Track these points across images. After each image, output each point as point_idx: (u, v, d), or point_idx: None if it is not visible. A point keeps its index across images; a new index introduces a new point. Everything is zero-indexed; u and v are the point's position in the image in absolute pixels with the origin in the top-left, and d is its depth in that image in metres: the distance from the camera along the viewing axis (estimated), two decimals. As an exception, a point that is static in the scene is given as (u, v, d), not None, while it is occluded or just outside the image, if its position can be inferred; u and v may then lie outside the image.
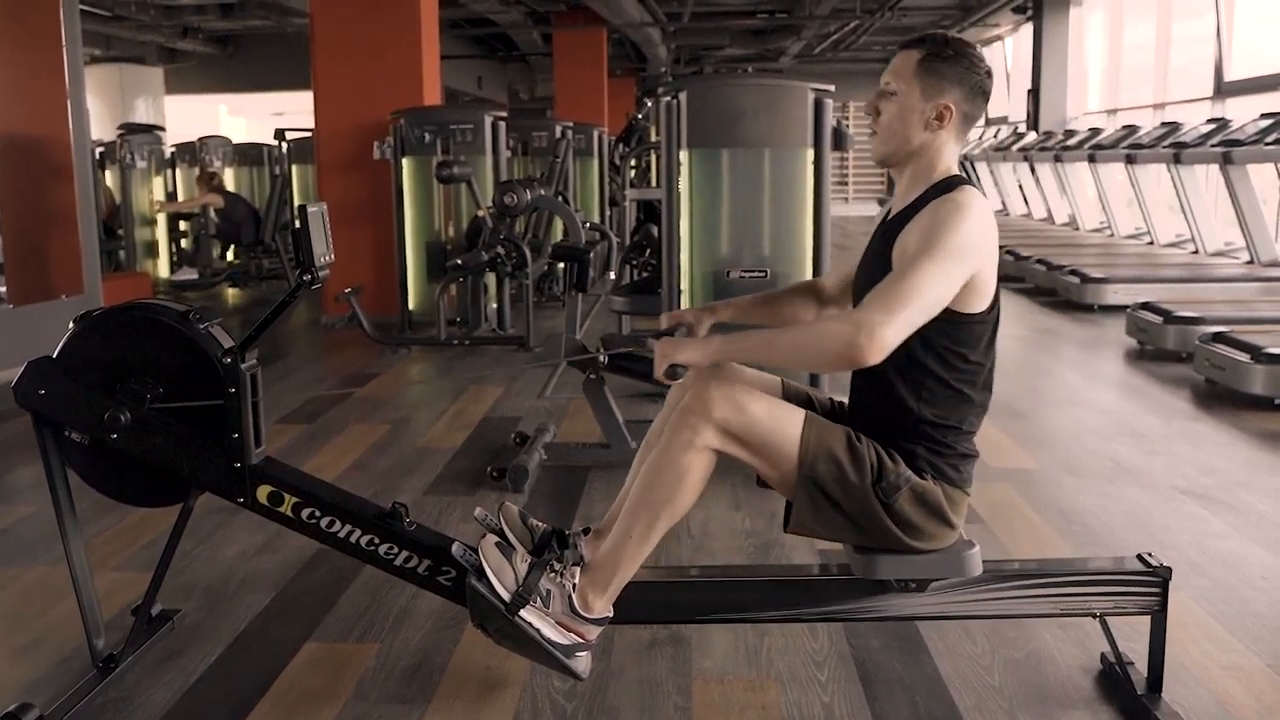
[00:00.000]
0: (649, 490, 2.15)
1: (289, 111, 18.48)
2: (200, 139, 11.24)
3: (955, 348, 2.11)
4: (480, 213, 6.99)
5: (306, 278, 2.34)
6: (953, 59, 2.14)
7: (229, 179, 11.13)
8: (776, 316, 2.49)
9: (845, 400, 2.34)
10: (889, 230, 2.17)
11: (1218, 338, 5.23)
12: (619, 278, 7.84)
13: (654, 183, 10.09)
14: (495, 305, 7.28)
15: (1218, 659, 2.53)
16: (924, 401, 2.13)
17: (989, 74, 2.18)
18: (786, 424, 2.12)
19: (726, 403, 2.09)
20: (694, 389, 2.15)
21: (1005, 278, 9.90)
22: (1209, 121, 9.28)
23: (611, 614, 2.22)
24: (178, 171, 11.03)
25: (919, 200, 2.14)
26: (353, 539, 2.38)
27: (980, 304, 2.10)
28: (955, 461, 2.17)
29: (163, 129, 11.70)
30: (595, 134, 10.46)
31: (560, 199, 7.58)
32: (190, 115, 18.34)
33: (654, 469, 2.15)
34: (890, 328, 1.98)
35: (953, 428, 2.15)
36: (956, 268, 2.03)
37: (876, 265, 2.17)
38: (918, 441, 2.14)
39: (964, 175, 2.17)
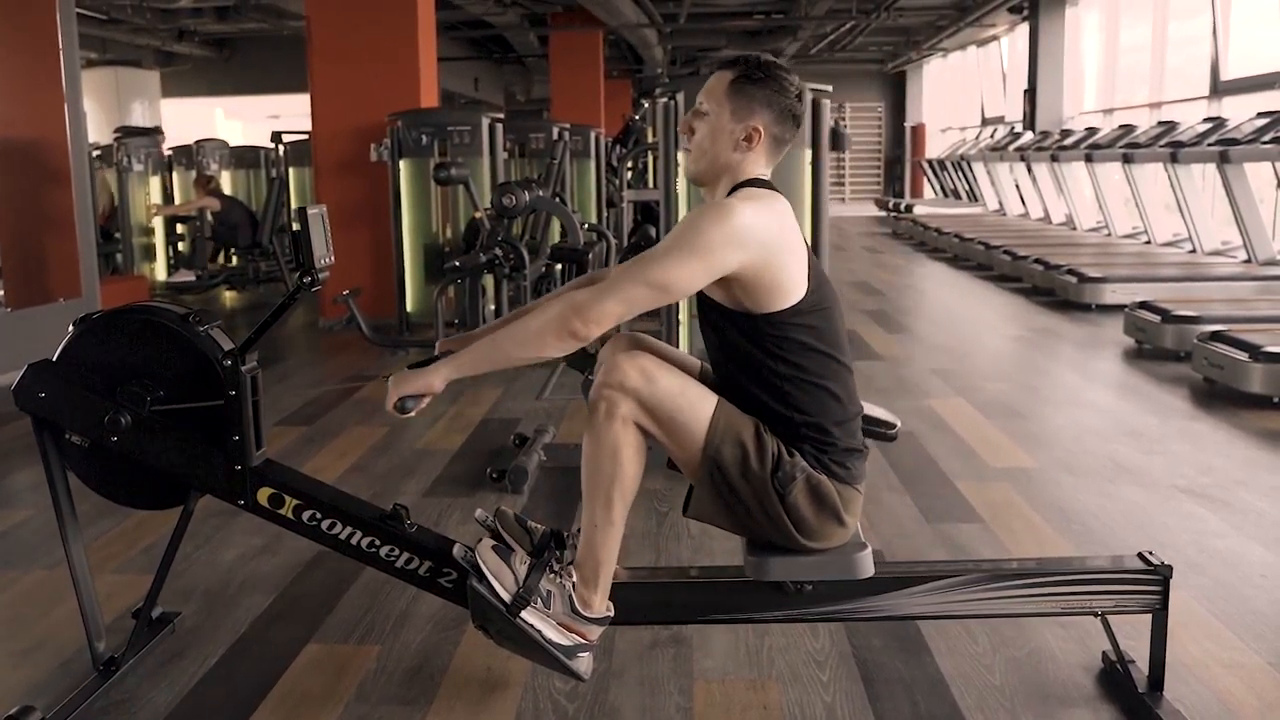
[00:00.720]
0: (592, 475, 2.17)
1: (285, 114, 18.47)
2: (197, 142, 11.23)
3: (784, 349, 2.12)
4: (478, 214, 6.99)
5: (306, 280, 2.34)
6: (762, 81, 2.16)
7: (226, 182, 11.13)
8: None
9: None
10: None
11: (1216, 336, 5.24)
12: (617, 279, 7.84)
13: (651, 184, 10.10)
14: (493, 307, 7.27)
15: (1218, 657, 2.53)
16: (789, 405, 2.14)
17: (799, 97, 2.20)
18: (698, 404, 2.13)
19: (638, 373, 2.10)
20: (607, 364, 2.16)
21: (1003, 277, 10.00)
22: (1205, 121, 9.30)
23: (612, 613, 2.23)
24: (175, 174, 11.02)
25: None
26: (353, 541, 2.38)
27: (783, 301, 2.10)
28: (840, 458, 2.17)
29: (160, 131, 11.69)
30: (592, 135, 10.44)
31: (558, 200, 7.57)
32: (186, 118, 18.32)
33: (588, 453, 2.17)
34: (602, 302, 2.04)
35: (826, 424, 2.15)
36: (694, 260, 2.04)
37: None
38: (802, 441, 2.15)
39: (762, 179, 2.19)
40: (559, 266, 8.13)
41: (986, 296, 9.20)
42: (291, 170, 10.68)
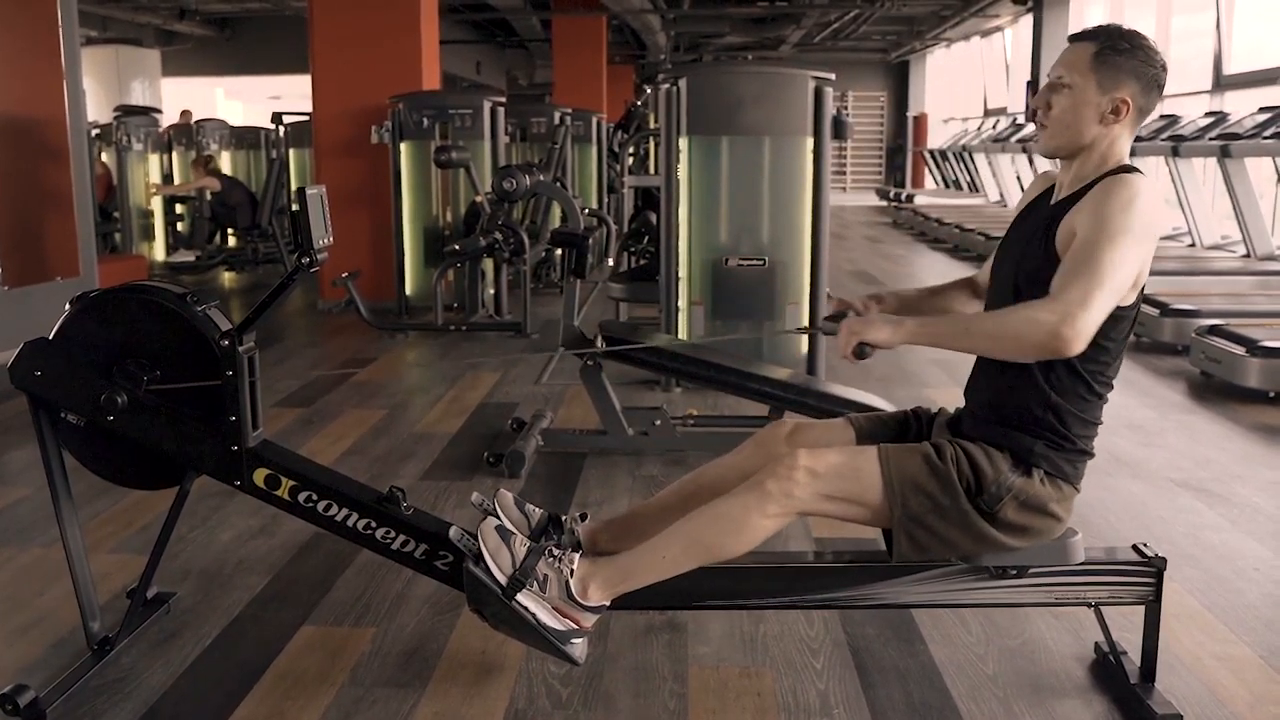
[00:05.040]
0: (705, 529, 2.15)
1: (286, 95, 18.43)
2: (197, 122, 11.20)
3: (1105, 339, 2.09)
4: (478, 198, 6.98)
5: (305, 260, 2.33)
6: (1129, 52, 2.10)
7: (226, 163, 11.10)
8: (939, 308, 2.48)
9: (927, 407, 2.37)
10: (1050, 215, 2.14)
11: (1214, 331, 5.24)
12: (617, 264, 7.85)
13: (653, 170, 10.08)
14: (492, 291, 7.27)
15: (1210, 649, 2.54)
16: (1054, 390, 2.11)
17: (1164, 67, 2.13)
18: (864, 472, 2.12)
19: (804, 474, 2.08)
20: (787, 460, 2.12)
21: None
22: (1207, 115, 9.27)
23: (608, 604, 2.22)
24: (174, 154, 11.00)
25: (1086, 187, 2.10)
26: (350, 523, 2.38)
27: (1132, 294, 2.08)
28: (1073, 457, 2.15)
29: (159, 110, 11.67)
30: (594, 120, 10.44)
31: (559, 185, 7.57)
32: (187, 98, 18.26)
33: (719, 514, 2.14)
34: (1090, 313, 1.96)
35: (1078, 418, 2.13)
36: (1137, 248, 2.00)
37: (1031, 251, 2.15)
38: (1039, 435, 2.13)
39: (1135, 166, 2.14)
40: (559, 251, 8.13)
41: (986, 287, 9.18)
42: (292, 152, 10.66)
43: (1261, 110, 8.25)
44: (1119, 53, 2.10)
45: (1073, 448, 2.15)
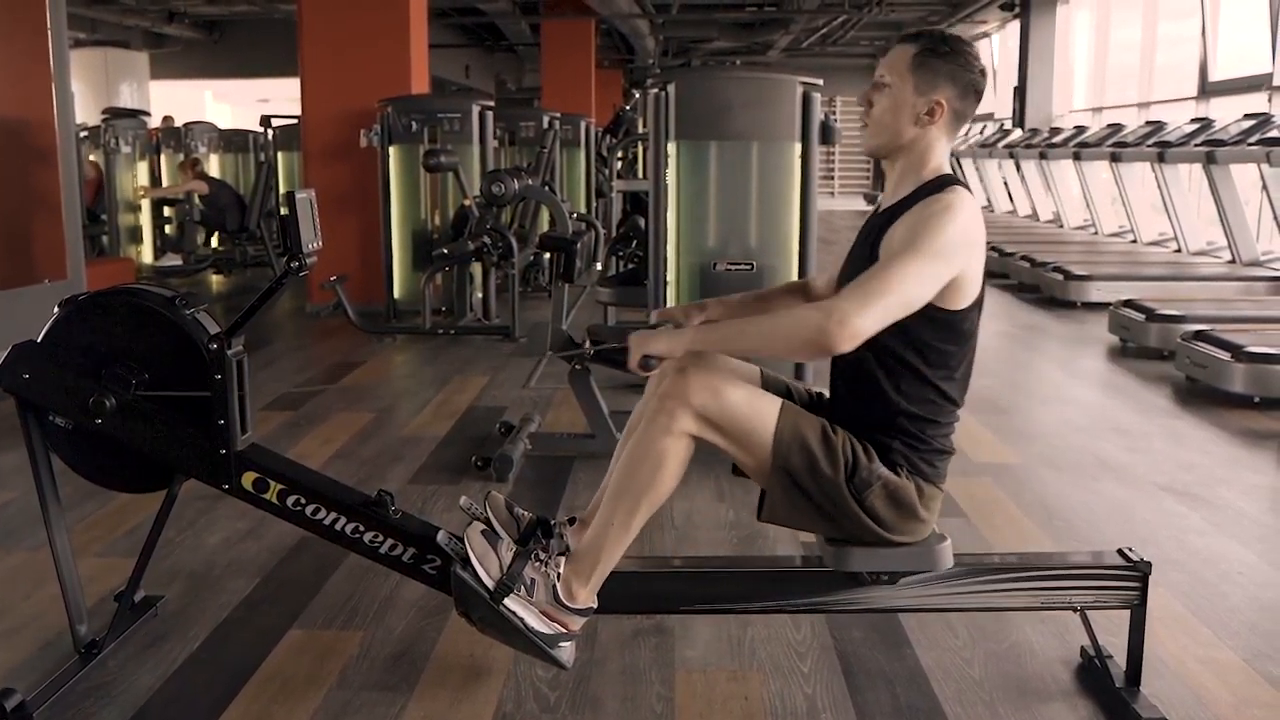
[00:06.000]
0: (629, 477, 2.16)
1: (274, 98, 18.42)
2: (185, 125, 11.18)
3: (936, 343, 2.13)
4: (467, 202, 6.98)
5: (294, 264, 2.34)
6: (948, 55, 2.15)
7: (214, 166, 11.08)
8: (765, 313, 2.49)
9: (825, 392, 2.35)
10: (877, 225, 2.18)
11: (1199, 336, 5.27)
12: (605, 269, 7.85)
13: (641, 174, 10.10)
14: (480, 295, 7.27)
15: (1195, 652, 2.56)
16: (903, 395, 2.15)
17: (983, 73, 2.19)
18: (763, 412, 2.13)
19: (704, 389, 2.10)
20: (672, 375, 2.16)
21: (989, 274, 9.96)
22: (1193, 121, 9.33)
23: (595, 605, 2.23)
24: (162, 157, 10.97)
25: (909, 198, 2.14)
26: (338, 526, 2.38)
27: (963, 301, 2.11)
28: (930, 457, 2.18)
29: (147, 113, 11.63)
30: (582, 125, 10.45)
31: (547, 189, 7.57)
32: (175, 100, 18.22)
33: (633, 456, 2.16)
34: (863, 317, 1.99)
35: (930, 422, 2.17)
36: (938, 267, 2.04)
37: (861, 258, 2.18)
38: (895, 436, 2.16)
39: (954, 174, 2.18)
40: (547, 255, 8.14)
41: (973, 292, 9.22)
42: (280, 155, 10.64)
43: (1246, 116, 8.30)
44: (938, 56, 2.15)
45: (929, 447, 2.18)
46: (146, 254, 10.29)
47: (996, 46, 19.71)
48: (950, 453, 2.23)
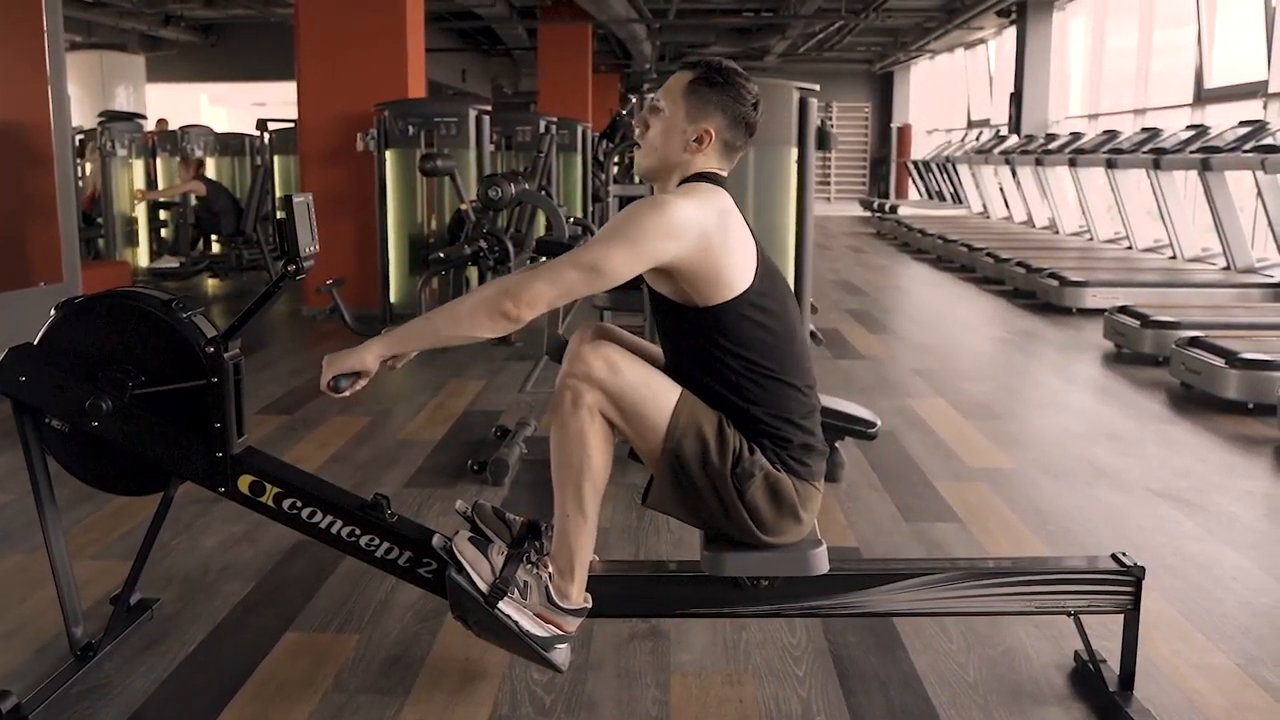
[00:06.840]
0: (561, 466, 2.18)
1: (271, 102, 18.40)
2: (181, 128, 11.17)
3: (734, 341, 2.14)
4: (463, 206, 6.99)
5: (291, 268, 2.34)
6: (721, 86, 2.18)
7: (210, 168, 11.06)
8: None
9: None
10: None
11: (1194, 342, 5.28)
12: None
13: (637, 179, 10.10)
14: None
15: (1188, 657, 2.57)
16: (747, 399, 2.16)
17: (755, 106, 2.22)
18: (661, 395, 2.15)
19: (602, 363, 2.11)
20: (572, 354, 2.17)
21: (985, 279, 10.04)
22: (1188, 128, 9.36)
23: (589, 605, 2.24)
24: (158, 160, 10.96)
25: None
26: (334, 530, 2.38)
27: (727, 292, 2.12)
28: (797, 454, 2.19)
29: (143, 116, 11.62)
30: (579, 129, 10.46)
31: (543, 194, 7.58)
32: (171, 104, 18.20)
33: (557, 444, 2.18)
34: (534, 284, 2.07)
35: (784, 419, 2.18)
36: (626, 246, 2.06)
37: None
38: (760, 437, 2.17)
39: (707, 174, 2.20)
40: (543, 260, 8.12)
41: (968, 298, 9.25)
42: (276, 158, 10.63)
43: (1242, 124, 8.34)
44: (711, 86, 2.19)
45: (794, 443, 2.19)
46: (143, 257, 10.28)
47: (993, 52, 19.76)
48: (819, 450, 2.24)
